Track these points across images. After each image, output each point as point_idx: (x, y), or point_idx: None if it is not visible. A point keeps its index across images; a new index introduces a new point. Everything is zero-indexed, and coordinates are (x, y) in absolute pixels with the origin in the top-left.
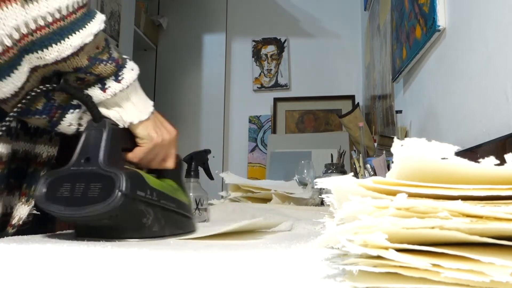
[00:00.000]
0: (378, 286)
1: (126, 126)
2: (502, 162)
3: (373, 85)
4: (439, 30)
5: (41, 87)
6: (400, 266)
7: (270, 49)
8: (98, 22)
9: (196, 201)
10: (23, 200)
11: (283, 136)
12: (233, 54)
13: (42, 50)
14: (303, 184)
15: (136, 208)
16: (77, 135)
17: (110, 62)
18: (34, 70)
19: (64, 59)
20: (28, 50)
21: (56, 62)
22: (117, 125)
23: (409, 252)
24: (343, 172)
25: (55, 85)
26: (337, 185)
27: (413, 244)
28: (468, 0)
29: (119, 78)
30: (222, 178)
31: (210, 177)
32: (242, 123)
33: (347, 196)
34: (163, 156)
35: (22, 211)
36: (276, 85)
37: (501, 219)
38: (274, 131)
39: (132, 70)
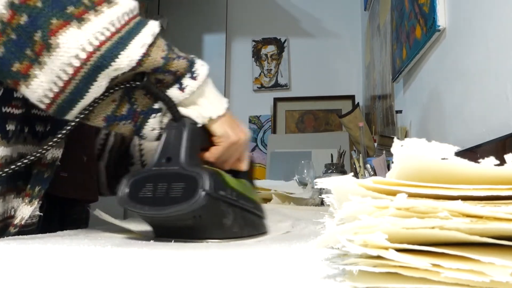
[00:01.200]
0: (378, 286)
1: (205, 122)
2: (502, 162)
3: (373, 85)
4: (439, 30)
5: (125, 83)
6: (400, 266)
7: (270, 49)
8: (152, 26)
9: None
10: (26, 200)
11: (283, 136)
12: (233, 54)
13: (114, 61)
14: (303, 184)
15: (218, 208)
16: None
17: (181, 58)
18: (114, 79)
19: (139, 63)
20: (100, 66)
21: (133, 68)
22: (195, 123)
23: (409, 252)
24: (343, 172)
25: (138, 83)
26: (337, 185)
27: (413, 244)
28: (468, 0)
29: (194, 75)
30: None
31: None
32: (242, 123)
33: (347, 196)
34: (238, 156)
35: (25, 211)
36: (276, 85)
37: (501, 219)
38: (274, 131)
39: (203, 65)
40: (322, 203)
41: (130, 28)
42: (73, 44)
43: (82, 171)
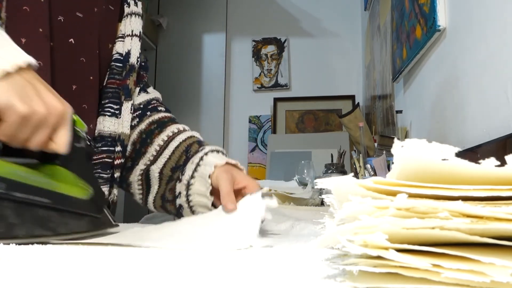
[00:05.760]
0: (378, 286)
1: None
2: (503, 162)
3: (373, 85)
4: (439, 30)
5: None
6: (401, 267)
7: (270, 49)
8: None
9: None
10: None
11: (283, 136)
12: (233, 54)
13: None
14: (303, 184)
15: None
16: None
17: None
18: None
19: None
20: None
21: None
22: None
23: (410, 252)
24: (343, 172)
25: None
26: (337, 185)
27: (414, 244)
28: (468, 0)
29: None
30: None
31: None
32: (242, 123)
33: (347, 196)
34: (39, 134)
35: None
36: (276, 85)
37: (502, 220)
38: (274, 131)
39: None
40: (322, 203)
41: None
42: None
43: None
